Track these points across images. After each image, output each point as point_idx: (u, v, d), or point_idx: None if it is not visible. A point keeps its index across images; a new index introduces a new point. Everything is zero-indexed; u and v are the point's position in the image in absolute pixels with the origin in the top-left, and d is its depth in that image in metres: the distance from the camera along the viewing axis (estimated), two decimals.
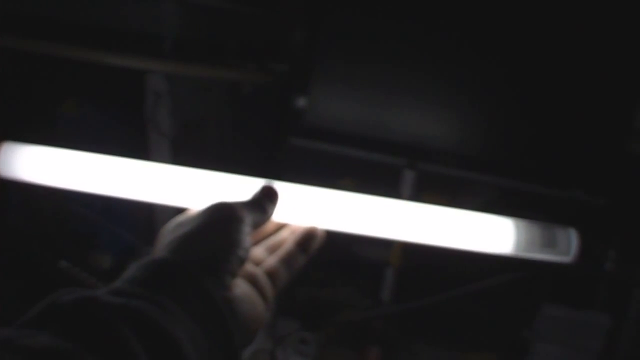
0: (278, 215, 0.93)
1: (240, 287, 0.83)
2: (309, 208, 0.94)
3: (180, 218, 0.87)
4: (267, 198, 0.90)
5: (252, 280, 0.86)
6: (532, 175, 2.15)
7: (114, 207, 2.01)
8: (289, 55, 2.31)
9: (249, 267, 0.88)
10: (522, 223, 0.98)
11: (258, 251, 0.94)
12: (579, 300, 2.22)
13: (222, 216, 0.81)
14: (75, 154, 0.97)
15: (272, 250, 0.95)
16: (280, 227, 0.98)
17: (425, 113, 2.18)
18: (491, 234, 0.97)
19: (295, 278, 0.94)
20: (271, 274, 0.89)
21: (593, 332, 2.10)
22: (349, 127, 2.18)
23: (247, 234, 0.82)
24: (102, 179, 0.94)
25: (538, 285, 2.37)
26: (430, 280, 2.35)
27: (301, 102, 2.19)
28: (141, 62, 1.89)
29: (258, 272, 0.88)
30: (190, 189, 0.93)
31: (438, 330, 2.15)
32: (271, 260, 0.91)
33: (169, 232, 0.83)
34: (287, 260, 0.92)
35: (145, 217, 2.12)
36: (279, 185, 0.93)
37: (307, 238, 0.94)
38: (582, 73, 2.14)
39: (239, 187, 0.92)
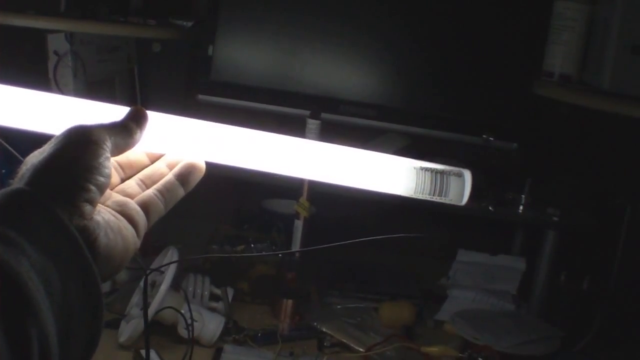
0: (170, 149, 0.88)
1: (103, 216, 0.79)
2: (206, 143, 0.90)
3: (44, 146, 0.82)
4: (133, 120, 0.84)
5: (121, 210, 0.82)
6: (442, 123, 2.14)
7: None
8: (195, 11, 2.28)
9: (118, 196, 0.85)
10: (417, 163, 0.96)
11: (130, 184, 0.89)
12: (495, 247, 2.23)
13: (78, 140, 0.77)
14: None
15: (147, 183, 0.90)
16: (157, 158, 0.93)
17: (332, 65, 2.16)
18: (387, 173, 0.95)
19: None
20: (145, 205, 0.85)
21: (509, 276, 2.11)
22: (256, 81, 2.16)
23: (106, 159, 0.78)
24: None
25: (455, 234, 2.37)
26: (340, 232, 2.34)
27: (208, 58, 2.16)
28: (40, 21, 1.85)
29: (128, 201, 0.84)
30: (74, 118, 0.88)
31: (353, 281, 2.14)
32: (146, 191, 0.87)
33: (28, 161, 0.79)
34: (164, 191, 0.87)
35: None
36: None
37: (187, 171, 0.90)
38: (488, 19, 2.14)
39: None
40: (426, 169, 0.91)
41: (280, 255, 2.03)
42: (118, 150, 0.81)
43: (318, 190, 1.97)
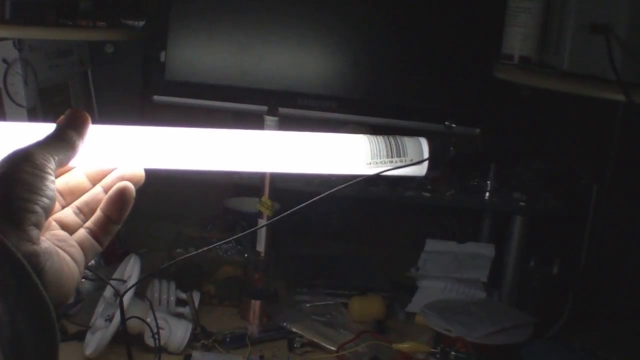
0: (117, 162, 0.84)
1: (48, 243, 0.76)
2: (157, 149, 0.86)
3: None
4: (72, 127, 0.80)
5: (61, 246, 0.79)
6: (403, 112, 2.11)
7: None
8: (146, 10, 2.23)
9: (57, 230, 0.81)
10: (372, 137, 0.93)
11: (67, 212, 0.85)
12: (463, 235, 2.21)
13: (19, 163, 0.74)
14: None
15: (84, 211, 0.86)
16: (97, 178, 0.89)
17: (289, 58, 2.12)
18: (343, 152, 0.92)
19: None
20: (81, 245, 0.82)
21: (478, 263, 2.08)
22: (212, 78, 2.12)
23: (50, 180, 0.74)
24: None
25: (422, 223, 2.35)
26: (306, 228, 2.32)
27: (162, 58, 2.12)
28: None
29: (68, 237, 0.81)
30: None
31: (321, 278, 2.11)
32: (80, 231, 0.83)
33: None
34: (97, 232, 0.84)
35: None
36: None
37: (120, 200, 0.86)
38: (444, 4, 2.12)
39: None
40: (377, 135, 0.90)
41: (246, 255, 1.99)
42: (61, 164, 0.77)
43: (281, 187, 1.94)
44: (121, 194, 0.83)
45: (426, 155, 0.92)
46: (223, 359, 1.71)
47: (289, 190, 1.93)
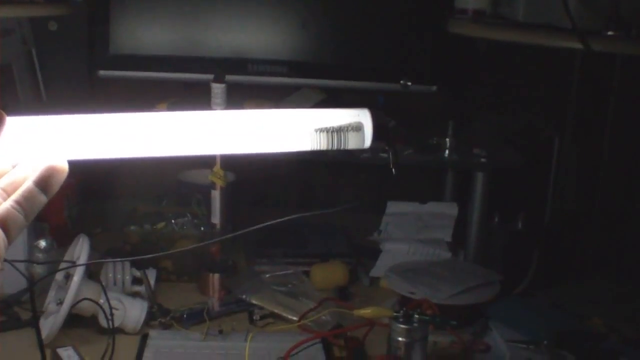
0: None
1: None
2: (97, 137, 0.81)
3: None
4: None
5: None
6: (357, 72, 2.06)
7: None
8: None
9: None
10: (312, 124, 0.88)
11: None
12: (426, 195, 2.17)
13: None
14: None
15: (8, 190, 0.81)
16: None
17: (236, 23, 2.05)
18: (290, 129, 0.88)
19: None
20: (3, 220, 0.77)
21: (441, 223, 2.05)
22: (158, 49, 2.05)
23: None
24: None
25: (383, 186, 2.31)
26: (263, 195, 2.27)
27: (106, 32, 2.05)
28: None
29: None
30: None
31: (281, 247, 2.06)
32: (2, 205, 0.78)
33: None
34: (22, 202, 0.79)
35: None
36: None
37: (48, 175, 0.81)
38: None
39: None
40: (321, 130, 0.85)
41: (202, 228, 1.94)
42: None
43: (234, 156, 1.87)
44: (53, 166, 0.79)
45: (369, 135, 0.89)
46: (181, 336, 1.65)
47: (243, 157, 1.87)
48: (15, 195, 0.78)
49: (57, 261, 1.73)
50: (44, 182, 0.78)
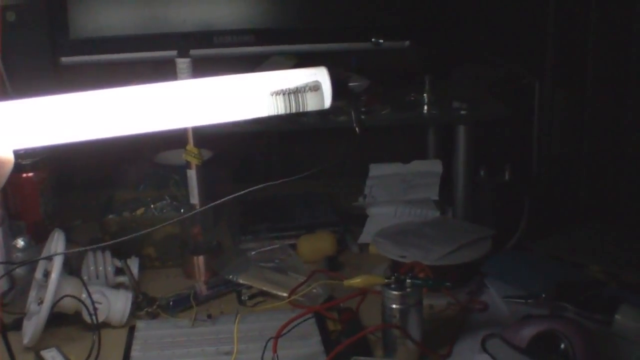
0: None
1: None
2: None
3: None
4: None
5: None
6: (326, 35, 2.00)
7: None
8: None
9: None
10: (268, 87, 0.83)
11: None
12: (409, 155, 2.11)
13: None
14: None
15: None
16: None
17: None
18: (243, 95, 0.82)
19: None
20: None
21: (427, 181, 1.99)
22: (120, 30, 1.98)
23: None
24: None
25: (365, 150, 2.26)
26: (243, 170, 2.22)
27: (64, 17, 1.98)
28: None
29: None
30: None
31: (265, 221, 2.01)
32: None
33: None
34: None
35: None
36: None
37: None
38: None
39: None
40: (277, 93, 0.81)
41: (182, 210, 1.88)
42: None
43: (208, 132, 1.81)
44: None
45: (328, 95, 0.85)
46: (169, 325, 1.60)
47: (217, 134, 1.83)
48: None
49: (35, 259, 1.67)
50: None
